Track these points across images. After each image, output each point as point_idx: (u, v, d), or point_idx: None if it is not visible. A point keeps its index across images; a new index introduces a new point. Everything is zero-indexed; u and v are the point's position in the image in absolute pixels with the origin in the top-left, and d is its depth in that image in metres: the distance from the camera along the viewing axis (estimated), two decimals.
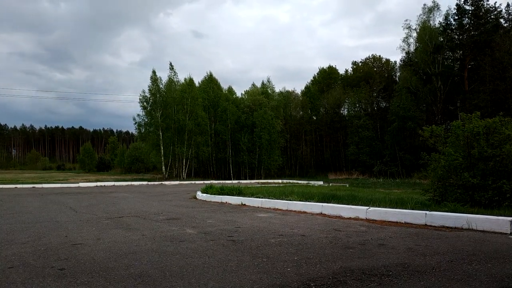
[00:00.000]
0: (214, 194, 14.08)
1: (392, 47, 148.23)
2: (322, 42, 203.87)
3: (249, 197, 12.61)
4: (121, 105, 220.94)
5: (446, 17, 40.97)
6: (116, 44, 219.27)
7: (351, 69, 58.13)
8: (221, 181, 33.40)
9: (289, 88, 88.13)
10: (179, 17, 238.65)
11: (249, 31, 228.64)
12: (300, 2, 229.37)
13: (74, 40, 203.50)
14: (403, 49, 45.66)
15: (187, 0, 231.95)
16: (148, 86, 42.86)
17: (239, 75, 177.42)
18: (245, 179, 43.10)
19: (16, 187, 24.81)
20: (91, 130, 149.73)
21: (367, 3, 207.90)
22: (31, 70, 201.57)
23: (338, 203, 9.70)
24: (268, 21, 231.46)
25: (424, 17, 41.74)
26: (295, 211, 10.06)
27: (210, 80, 50.00)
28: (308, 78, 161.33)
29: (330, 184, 28.89)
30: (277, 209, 10.61)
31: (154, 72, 42.81)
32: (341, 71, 60.81)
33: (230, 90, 53.50)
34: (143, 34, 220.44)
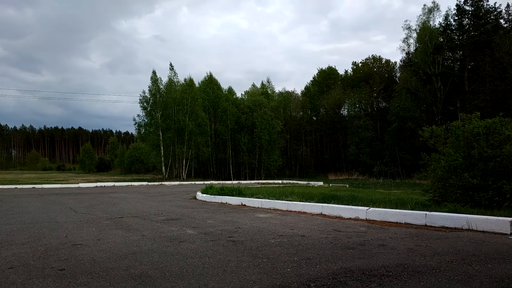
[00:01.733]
0: (214, 194, 14.08)
1: (356, 51, 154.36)
2: (286, 47, 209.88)
3: (249, 197, 12.60)
4: (105, 106, 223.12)
5: (446, 18, 41.05)
6: (87, 48, 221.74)
7: (351, 70, 58.23)
8: (221, 182, 33.39)
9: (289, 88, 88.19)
10: (142, 24, 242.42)
11: (212, 37, 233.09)
12: (254, 10, 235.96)
13: (43, 44, 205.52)
14: (403, 50, 45.80)
15: (144, 10, 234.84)
16: (148, 87, 42.94)
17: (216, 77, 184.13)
18: (245, 179, 43.10)
19: (16, 188, 24.80)
20: (91, 130, 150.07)
21: (319, 11, 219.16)
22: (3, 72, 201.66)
23: (338, 204, 9.70)
24: (229, 27, 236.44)
25: (424, 17, 41.84)
26: (295, 211, 10.06)
27: (210, 81, 50.03)
28: (279, 81, 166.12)
29: (330, 185, 28.90)
30: (277, 209, 10.60)
31: (154, 72, 42.89)
32: (311, 73, 61.09)
33: (230, 90, 53.53)
34: (110, 39, 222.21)
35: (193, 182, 33.63)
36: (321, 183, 31.40)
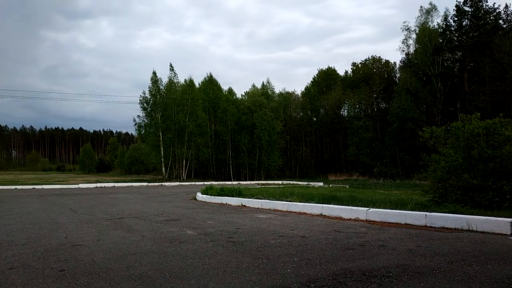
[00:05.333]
0: (214, 195, 14.07)
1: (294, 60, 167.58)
2: (221, 55, 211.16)
3: (249, 198, 12.60)
4: (79, 106, 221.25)
5: (445, 18, 41.07)
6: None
7: (351, 70, 58.23)
8: (221, 182, 33.38)
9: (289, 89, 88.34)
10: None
11: (163, 48, 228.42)
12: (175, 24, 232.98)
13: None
14: (403, 51, 45.73)
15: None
16: (148, 87, 42.91)
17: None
18: (245, 180, 43.06)
19: (16, 188, 24.79)
20: (91, 131, 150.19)
21: (233, 25, 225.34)
22: None
23: (338, 204, 9.70)
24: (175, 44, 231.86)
25: (423, 18, 41.80)
26: (295, 212, 10.05)
27: (210, 81, 50.00)
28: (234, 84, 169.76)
29: (330, 185, 28.89)
30: (277, 210, 10.60)
31: (154, 73, 42.81)
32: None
33: (230, 91, 53.55)
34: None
35: (193, 183, 33.62)
36: (321, 183, 31.38)
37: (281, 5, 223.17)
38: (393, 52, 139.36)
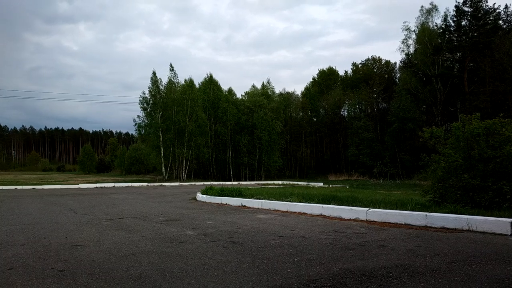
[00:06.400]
0: (214, 195, 14.07)
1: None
2: (204, 57, 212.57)
3: (249, 198, 12.60)
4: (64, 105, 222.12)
5: (445, 19, 41.09)
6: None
7: (351, 71, 58.24)
8: (221, 183, 33.40)
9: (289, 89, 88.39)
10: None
11: (144, 51, 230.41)
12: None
13: None
14: (402, 51, 45.74)
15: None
16: (148, 87, 42.95)
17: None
18: (245, 180, 43.06)
19: (16, 189, 24.80)
20: (91, 131, 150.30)
21: (209, 29, 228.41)
22: None
23: (338, 205, 9.70)
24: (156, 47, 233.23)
25: (423, 18, 41.82)
26: (295, 212, 10.05)
27: (210, 82, 50.02)
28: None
29: (330, 186, 28.90)
30: (277, 210, 10.60)
31: (154, 73, 42.89)
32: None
33: (230, 91, 53.56)
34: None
35: (193, 183, 33.62)
36: (321, 184, 31.38)
37: (253, 10, 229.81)
38: (386, 53, 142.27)
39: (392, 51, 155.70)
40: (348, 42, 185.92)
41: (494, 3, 41.46)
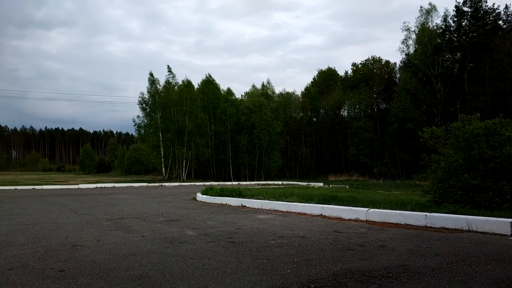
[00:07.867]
0: (214, 195, 14.07)
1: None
2: (179, 60, 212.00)
3: (249, 198, 12.60)
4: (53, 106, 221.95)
5: (445, 19, 41.08)
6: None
7: (351, 71, 58.25)
8: (221, 183, 33.40)
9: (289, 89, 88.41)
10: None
11: (120, 54, 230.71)
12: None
13: None
14: (402, 51, 45.72)
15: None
16: (147, 88, 42.90)
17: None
18: (245, 180, 43.06)
19: (16, 189, 24.80)
20: (91, 131, 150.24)
21: (179, 34, 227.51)
22: None
23: (338, 205, 9.70)
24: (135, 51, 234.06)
25: (423, 19, 41.81)
26: (295, 212, 10.05)
27: (209, 82, 49.97)
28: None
29: (330, 186, 28.89)
30: (277, 210, 10.60)
31: (151, 74, 42.72)
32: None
33: (229, 91, 53.52)
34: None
35: (193, 183, 33.62)
36: (321, 184, 31.38)
37: (218, 16, 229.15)
38: (386, 53, 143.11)
39: (361, 55, 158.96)
40: (318, 46, 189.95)
41: (494, 3, 41.42)
